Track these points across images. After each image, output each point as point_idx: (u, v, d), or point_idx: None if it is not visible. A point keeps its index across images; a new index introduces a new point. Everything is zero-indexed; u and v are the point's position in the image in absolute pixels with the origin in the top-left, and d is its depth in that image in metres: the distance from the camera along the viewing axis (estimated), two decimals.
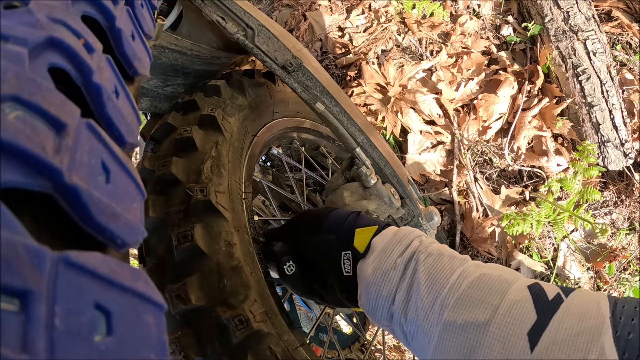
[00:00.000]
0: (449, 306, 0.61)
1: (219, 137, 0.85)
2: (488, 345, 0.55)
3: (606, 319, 0.51)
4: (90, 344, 0.19)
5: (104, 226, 0.24)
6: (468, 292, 0.61)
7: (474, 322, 0.57)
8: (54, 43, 0.31)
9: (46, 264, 0.18)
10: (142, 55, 0.48)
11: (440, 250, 0.69)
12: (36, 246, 0.18)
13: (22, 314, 0.17)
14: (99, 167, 0.26)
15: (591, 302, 0.54)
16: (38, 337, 0.17)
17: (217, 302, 0.67)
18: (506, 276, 0.62)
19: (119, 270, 0.22)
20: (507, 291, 0.59)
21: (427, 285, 0.64)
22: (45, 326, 0.17)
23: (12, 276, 0.17)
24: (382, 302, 0.69)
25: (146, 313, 0.23)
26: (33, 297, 0.17)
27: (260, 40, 0.98)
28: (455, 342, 0.58)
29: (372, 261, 0.71)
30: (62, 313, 0.18)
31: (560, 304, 0.55)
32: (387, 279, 0.68)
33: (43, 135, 0.23)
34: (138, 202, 0.29)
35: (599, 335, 0.50)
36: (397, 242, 0.72)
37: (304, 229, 0.84)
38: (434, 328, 0.61)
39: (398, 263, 0.69)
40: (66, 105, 0.26)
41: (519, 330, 0.54)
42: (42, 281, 0.18)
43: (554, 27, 2.01)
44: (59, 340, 0.17)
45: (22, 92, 0.24)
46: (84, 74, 0.32)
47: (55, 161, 0.22)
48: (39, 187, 0.22)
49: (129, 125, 0.35)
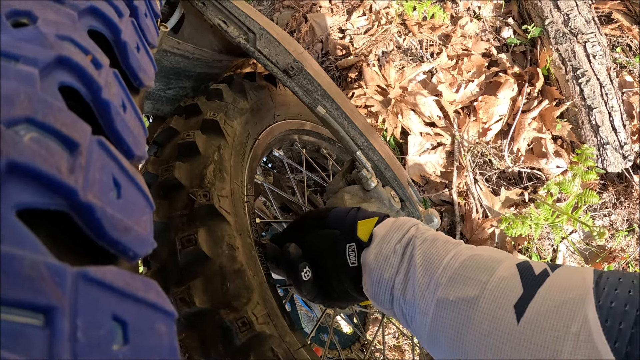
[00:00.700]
0: (442, 285, 0.64)
1: (221, 142, 0.86)
2: (478, 319, 0.58)
3: (589, 289, 0.52)
4: (109, 353, 0.20)
5: (116, 240, 0.26)
6: (459, 271, 0.64)
7: (465, 298, 0.60)
8: (63, 62, 0.32)
9: (67, 281, 0.20)
10: (147, 67, 0.49)
11: (435, 235, 0.73)
12: (57, 264, 0.20)
13: (47, 328, 0.18)
14: (110, 183, 0.27)
15: (576, 275, 0.56)
16: (63, 350, 0.18)
17: (221, 304, 0.68)
18: (496, 255, 0.64)
19: (133, 282, 0.23)
20: (496, 269, 0.61)
21: (423, 268, 0.68)
22: (69, 339, 0.18)
23: (36, 294, 0.18)
24: (384, 286, 0.72)
25: (158, 322, 0.24)
26: (57, 312, 0.18)
27: (261, 44, 0.99)
28: (448, 318, 0.61)
29: (373, 248, 0.75)
30: (83, 326, 0.19)
31: (546, 278, 0.57)
32: (388, 264, 0.72)
33: (57, 156, 0.24)
34: (147, 214, 0.31)
35: (582, 304, 0.51)
36: (396, 230, 0.75)
37: (308, 227, 0.86)
38: (429, 306, 0.64)
39: (397, 248, 0.72)
40: (78, 124, 0.27)
41: (506, 303, 0.56)
42: (64, 297, 0.19)
43: (554, 29, 2.01)
44: (82, 352, 0.19)
45: (36, 113, 0.25)
46: (93, 91, 0.33)
47: (71, 181, 0.23)
48: (55, 207, 0.23)
49: (136, 138, 0.36)
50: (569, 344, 0.49)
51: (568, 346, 0.49)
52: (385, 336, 2.02)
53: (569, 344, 0.49)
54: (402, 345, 2.10)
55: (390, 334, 2.11)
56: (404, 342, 2.10)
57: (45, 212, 0.24)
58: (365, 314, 1.61)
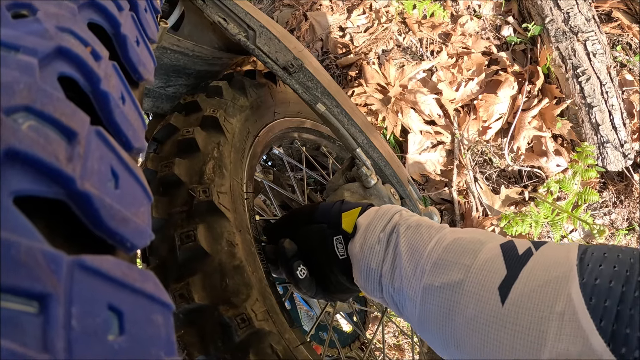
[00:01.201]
0: (427, 271, 0.63)
1: (220, 138, 0.86)
2: (464, 303, 0.58)
3: (573, 267, 0.51)
4: (104, 343, 0.20)
5: (114, 230, 0.25)
6: (443, 256, 0.63)
7: (450, 283, 0.60)
8: (62, 52, 0.32)
9: (62, 269, 0.19)
10: (147, 61, 0.49)
11: (419, 221, 0.72)
12: (53, 252, 0.19)
13: (41, 315, 0.18)
14: (108, 174, 0.27)
15: (560, 253, 0.55)
16: (57, 337, 0.18)
17: (220, 301, 0.68)
18: (480, 237, 0.64)
19: (130, 273, 0.23)
20: (479, 251, 0.61)
21: (408, 255, 0.67)
22: (63, 327, 0.18)
23: (31, 281, 0.18)
24: (372, 276, 0.72)
25: (155, 313, 0.24)
26: (51, 299, 0.18)
27: (261, 42, 0.99)
28: (435, 304, 0.61)
29: (358, 239, 0.75)
30: (78, 314, 0.19)
31: (530, 257, 0.56)
32: (373, 253, 0.72)
33: (56, 145, 0.24)
34: (145, 206, 0.30)
35: (566, 283, 0.50)
36: (379, 218, 0.75)
37: (298, 222, 0.86)
38: (417, 293, 0.64)
39: (381, 237, 0.72)
40: (76, 114, 0.27)
41: (490, 285, 0.56)
42: (59, 285, 0.19)
43: (554, 27, 2.01)
44: (76, 340, 0.18)
45: (35, 102, 0.25)
46: (92, 82, 0.33)
47: (68, 169, 0.23)
48: (53, 195, 0.23)
49: (135, 131, 0.36)
50: (554, 324, 0.48)
51: (553, 326, 0.48)
52: (385, 335, 2.02)
53: (554, 324, 0.48)
54: (402, 344, 2.10)
55: (390, 332, 2.11)
56: (404, 341, 2.10)
57: (43, 202, 0.24)
58: (365, 313, 1.61)
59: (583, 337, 0.46)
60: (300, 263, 0.80)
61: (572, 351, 0.46)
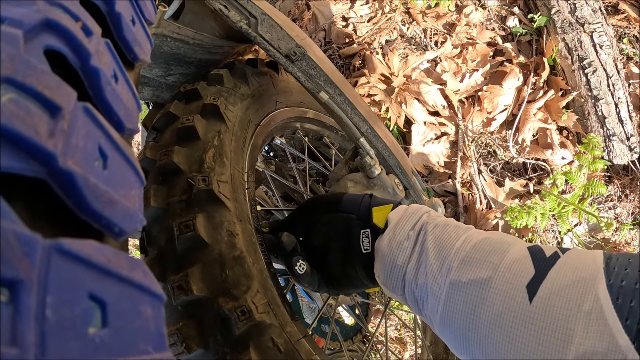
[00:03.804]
0: (454, 267, 0.65)
1: (221, 126, 0.84)
2: (490, 300, 0.59)
3: (600, 269, 0.53)
4: (84, 336, 0.18)
5: (100, 213, 0.23)
6: (471, 254, 0.65)
7: (477, 280, 0.61)
8: (50, 25, 0.30)
9: (37, 252, 0.17)
10: (143, 41, 0.47)
11: (447, 221, 0.74)
12: (27, 233, 0.17)
13: (11, 305, 0.16)
14: (95, 153, 0.25)
15: (587, 256, 0.57)
16: (28, 330, 0.16)
17: (219, 292, 0.66)
18: (507, 239, 0.66)
19: (115, 260, 0.21)
20: (507, 251, 0.62)
21: (435, 252, 0.68)
22: (35, 318, 0.16)
23: (0, 265, 0.16)
24: (397, 272, 0.72)
25: (144, 304, 0.22)
26: (23, 286, 0.16)
27: (263, 29, 0.97)
28: (461, 300, 0.62)
29: (387, 234, 0.75)
30: (54, 304, 0.17)
31: (557, 260, 0.58)
32: (401, 249, 0.72)
33: (37, 118, 0.22)
34: (137, 189, 0.28)
35: (593, 283, 0.52)
36: (409, 216, 0.76)
37: (319, 210, 0.86)
38: (442, 289, 0.65)
39: (410, 235, 0.73)
40: (62, 87, 0.25)
41: (518, 283, 0.57)
42: (33, 270, 0.17)
43: (561, 18, 1.99)
44: (51, 333, 0.16)
45: (16, 73, 0.23)
46: (82, 57, 0.31)
47: (49, 145, 0.21)
48: (32, 173, 0.21)
49: (128, 111, 0.34)
50: (581, 322, 0.50)
51: (580, 324, 0.50)
52: (387, 328, 2.00)
53: (581, 322, 0.50)
54: (404, 338, 2.09)
55: (392, 325, 2.09)
56: (406, 334, 2.09)
57: (24, 183, 0.22)
58: (368, 306, 1.60)
59: (610, 335, 0.47)
60: (299, 258, 0.80)
61: (598, 348, 0.48)
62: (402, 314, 1.97)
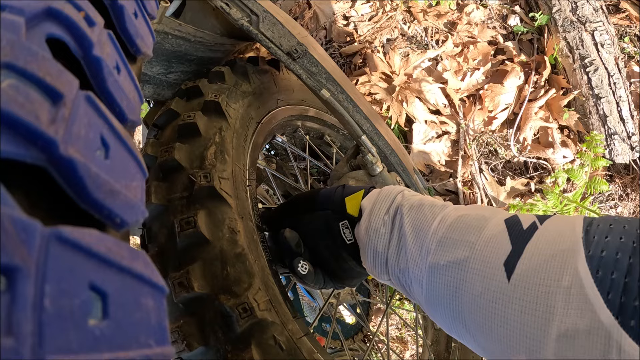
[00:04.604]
0: (431, 250, 0.63)
1: (222, 123, 0.84)
2: (470, 281, 0.57)
3: (579, 239, 0.50)
4: (83, 327, 0.17)
5: (101, 203, 0.23)
6: (448, 234, 0.63)
7: (455, 261, 0.60)
8: (52, 14, 0.29)
9: (35, 240, 0.17)
10: (145, 34, 0.47)
11: (421, 200, 0.72)
12: (25, 219, 0.17)
13: (7, 293, 0.15)
14: (97, 142, 0.24)
15: (566, 226, 0.54)
16: (25, 319, 0.15)
17: (221, 290, 0.65)
18: (484, 213, 0.63)
19: (117, 250, 0.20)
20: (484, 227, 0.60)
21: (413, 235, 0.67)
22: (33, 307, 0.15)
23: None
24: (379, 258, 0.72)
25: (145, 296, 0.21)
26: (20, 274, 0.16)
27: (264, 27, 0.96)
28: (441, 282, 0.61)
29: (363, 222, 0.74)
30: (52, 293, 0.16)
31: (534, 232, 0.55)
32: (379, 236, 0.71)
33: (37, 104, 0.21)
34: (139, 180, 0.28)
35: (572, 256, 0.49)
36: (382, 200, 0.74)
37: (299, 210, 0.85)
38: (423, 273, 0.64)
39: (386, 220, 0.72)
40: (63, 75, 0.24)
41: (495, 262, 0.55)
42: (31, 258, 0.16)
43: (562, 17, 1.98)
44: (49, 323, 0.16)
45: (17, 59, 0.22)
46: (84, 46, 0.30)
47: (50, 131, 0.21)
48: (32, 159, 0.20)
49: (131, 102, 0.33)
50: (561, 298, 0.48)
51: (560, 300, 0.48)
52: (388, 327, 2.00)
53: (561, 298, 0.48)
54: (404, 337, 2.08)
55: (393, 324, 2.09)
56: (407, 334, 2.08)
57: (24, 170, 0.21)
58: (369, 304, 1.59)
59: (591, 311, 0.45)
60: (299, 260, 0.79)
61: (580, 325, 0.45)
62: (403, 313, 1.96)
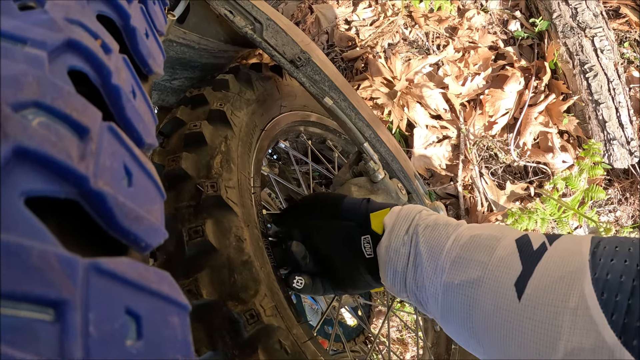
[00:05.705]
0: (446, 269, 0.65)
1: (228, 132, 0.85)
2: (482, 300, 0.59)
3: (586, 262, 0.53)
4: (123, 348, 0.19)
5: (128, 230, 0.24)
6: (461, 254, 0.65)
7: (468, 280, 0.62)
8: (72, 45, 0.31)
9: (78, 273, 0.18)
10: (156, 54, 0.48)
11: (436, 220, 0.74)
12: (68, 255, 0.19)
13: (57, 323, 0.17)
14: (121, 171, 0.26)
15: (574, 247, 0.56)
16: (75, 346, 0.17)
17: (228, 296, 0.67)
18: (495, 234, 0.65)
19: (146, 274, 0.22)
20: (496, 247, 0.62)
21: (428, 254, 0.69)
22: (81, 334, 0.17)
23: (45, 287, 0.17)
24: (399, 278, 0.74)
25: (172, 315, 0.23)
26: (68, 306, 0.17)
27: (268, 35, 0.98)
28: (455, 301, 0.63)
29: (384, 240, 0.76)
30: (96, 320, 0.18)
31: (544, 252, 0.58)
32: (399, 256, 0.73)
33: (67, 141, 0.23)
34: (159, 203, 0.29)
35: (579, 278, 0.51)
36: (402, 220, 0.76)
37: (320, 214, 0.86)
38: (438, 291, 0.66)
39: (405, 240, 0.73)
40: (88, 109, 0.26)
41: (507, 282, 0.57)
42: (76, 290, 0.18)
43: (562, 23, 1.99)
44: (95, 348, 0.17)
45: (44, 97, 0.23)
46: (103, 76, 0.32)
47: (81, 167, 0.22)
48: (65, 195, 0.22)
49: (147, 126, 0.35)
50: (568, 319, 0.50)
51: (567, 320, 0.50)
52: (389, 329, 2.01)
53: (568, 318, 0.50)
54: (405, 339, 2.10)
55: (394, 327, 2.10)
56: (407, 336, 2.10)
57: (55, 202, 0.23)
58: (370, 307, 1.61)
59: (595, 331, 0.47)
60: (294, 275, 0.80)
61: (585, 345, 0.48)
62: (403, 316, 1.98)
